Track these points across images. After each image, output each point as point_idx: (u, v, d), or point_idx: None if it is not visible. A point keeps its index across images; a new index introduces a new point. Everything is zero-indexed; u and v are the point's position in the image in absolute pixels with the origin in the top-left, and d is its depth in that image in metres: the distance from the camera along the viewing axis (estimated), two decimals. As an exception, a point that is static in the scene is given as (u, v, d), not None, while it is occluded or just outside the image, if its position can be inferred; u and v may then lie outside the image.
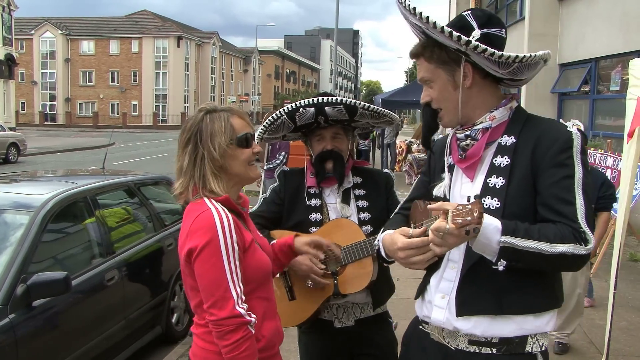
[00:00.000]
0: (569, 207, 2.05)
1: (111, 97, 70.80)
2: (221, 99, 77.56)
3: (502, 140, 2.21)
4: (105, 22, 73.10)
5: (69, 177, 6.72)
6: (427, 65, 2.27)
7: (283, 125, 3.13)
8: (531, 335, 2.17)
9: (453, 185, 2.32)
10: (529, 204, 2.12)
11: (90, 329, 4.75)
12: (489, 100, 2.27)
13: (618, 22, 12.55)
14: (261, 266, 2.40)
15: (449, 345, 2.25)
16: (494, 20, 2.23)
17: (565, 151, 2.10)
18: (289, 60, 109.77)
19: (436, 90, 2.27)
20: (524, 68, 2.18)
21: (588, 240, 2.02)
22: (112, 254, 5.22)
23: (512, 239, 1.95)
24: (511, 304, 2.12)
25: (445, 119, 2.31)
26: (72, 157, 28.60)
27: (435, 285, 2.29)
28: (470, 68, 2.21)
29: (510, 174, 2.14)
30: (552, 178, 2.08)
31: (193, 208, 2.33)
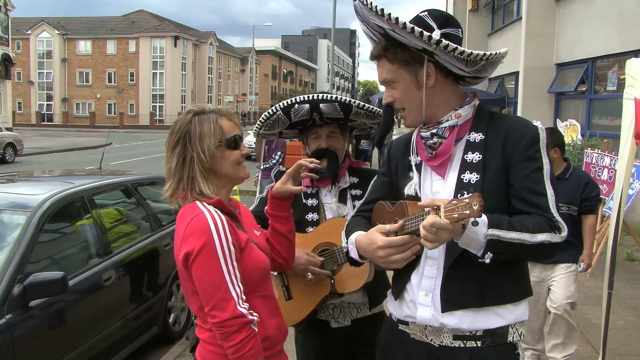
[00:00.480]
0: (541, 198, 2.13)
1: (108, 97, 70.72)
2: (218, 99, 77.55)
3: (470, 137, 2.26)
4: (102, 22, 73.01)
5: (66, 177, 6.72)
6: (389, 66, 2.30)
7: (278, 121, 3.14)
8: (511, 325, 2.23)
9: (423, 183, 2.34)
10: (502, 197, 2.18)
11: (87, 329, 4.75)
12: (451, 98, 2.31)
13: (614, 22, 12.57)
14: (259, 265, 2.39)
15: (432, 343, 2.26)
16: (451, 20, 2.29)
17: (533, 145, 2.18)
18: (286, 60, 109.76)
19: (399, 91, 2.30)
20: (488, 66, 2.24)
21: (561, 228, 2.11)
22: (109, 254, 5.21)
23: (498, 232, 2.01)
24: (492, 296, 2.18)
25: (409, 119, 2.35)
26: (69, 157, 28.58)
27: (417, 283, 2.29)
28: (433, 67, 2.24)
29: (483, 169, 2.20)
30: (524, 171, 2.16)
31: (185, 212, 2.33)
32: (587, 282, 7.91)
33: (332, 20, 30.22)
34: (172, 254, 6.10)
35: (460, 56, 2.13)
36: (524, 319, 2.27)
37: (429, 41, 2.09)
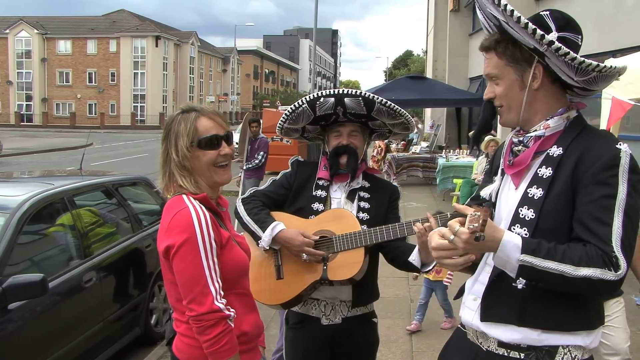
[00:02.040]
0: (604, 228, 1.95)
1: (89, 97, 70.18)
2: (200, 99, 77.22)
3: (550, 151, 2.14)
4: (82, 22, 72.41)
5: (46, 178, 6.66)
6: (497, 60, 2.21)
7: (303, 114, 3.21)
8: (563, 346, 2.10)
9: (502, 190, 2.31)
10: (564, 219, 2.05)
11: (67, 331, 4.71)
12: (552, 106, 2.20)
13: (593, 23, 12.68)
14: (238, 263, 2.46)
15: (481, 346, 2.25)
16: (572, 25, 2.20)
17: (610, 169, 1.99)
18: (267, 60, 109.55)
19: (502, 87, 2.22)
20: (599, 79, 2.11)
21: (619, 265, 1.93)
22: (90, 255, 5.17)
23: (532, 259, 1.92)
24: (534, 317, 2.08)
25: (505, 118, 2.27)
26: (49, 158, 28.33)
27: (470, 287, 2.32)
28: (541, 70, 2.14)
29: (550, 185, 2.08)
30: (591, 196, 1.99)
31: (171, 205, 2.38)
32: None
33: (314, 20, 30.21)
34: (154, 255, 6.06)
35: (571, 62, 2.03)
36: (581, 345, 2.11)
37: (541, 40, 2.01)
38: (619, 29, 11.61)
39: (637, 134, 10.77)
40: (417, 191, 15.88)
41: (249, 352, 2.49)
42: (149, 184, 7.20)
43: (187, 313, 2.28)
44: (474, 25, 23.78)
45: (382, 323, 4.93)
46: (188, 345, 2.39)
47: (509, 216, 2.18)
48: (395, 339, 5.88)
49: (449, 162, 15.26)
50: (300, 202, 3.25)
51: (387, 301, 6.20)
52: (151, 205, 7.05)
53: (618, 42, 11.48)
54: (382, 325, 4.78)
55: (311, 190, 3.26)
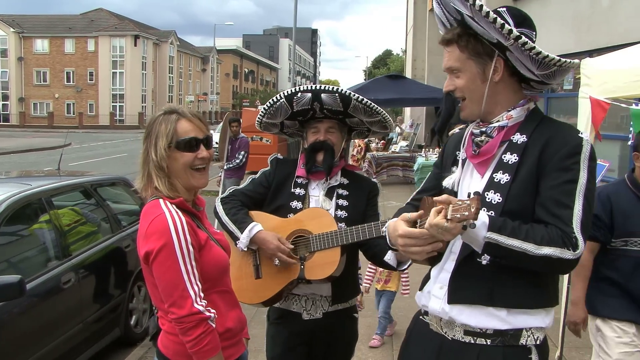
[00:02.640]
0: (566, 211, 2.07)
1: (67, 96, 69.51)
2: (179, 99, 76.84)
3: (514, 138, 2.24)
4: (60, 20, 71.69)
5: (23, 178, 6.59)
6: (458, 54, 2.27)
7: (281, 109, 3.23)
8: (526, 329, 2.20)
9: (462, 179, 2.37)
10: (529, 203, 2.15)
11: (46, 333, 4.68)
12: (511, 98, 2.30)
13: (570, 22, 12.82)
14: (217, 262, 2.50)
15: (446, 335, 2.30)
16: (528, 22, 2.26)
17: (573, 156, 2.11)
18: (247, 59, 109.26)
19: (463, 80, 2.28)
20: (557, 73, 2.22)
21: (578, 245, 2.03)
22: (69, 256, 5.14)
23: (497, 236, 2.01)
24: (502, 297, 2.16)
25: (467, 110, 2.34)
26: (27, 158, 28.04)
27: (436, 275, 2.36)
28: (502, 63, 2.23)
29: (516, 171, 2.18)
30: (555, 181, 2.11)
31: (148, 210, 2.41)
32: (546, 278, 8.05)
33: (294, 19, 30.20)
34: (133, 255, 6.03)
35: (535, 57, 2.12)
36: (542, 326, 2.23)
37: (508, 35, 2.08)
38: (595, 29, 11.74)
39: (613, 133, 10.91)
40: (397, 190, 15.92)
41: (233, 346, 2.55)
42: (128, 184, 7.15)
43: (169, 316, 2.35)
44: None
45: (363, 322, 4.95)
46: (174, 342, 2.44)
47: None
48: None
49: (428, 161, 15.33)
50: (279, 200, 3.27)
51: (368, 300, 6.20)
52: (130, 206, 7.01)
53: (594, 42, 11.60)
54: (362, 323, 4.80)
55: (290, 188, 3.28)
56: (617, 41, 10.03)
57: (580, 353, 5.67)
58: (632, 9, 10.56)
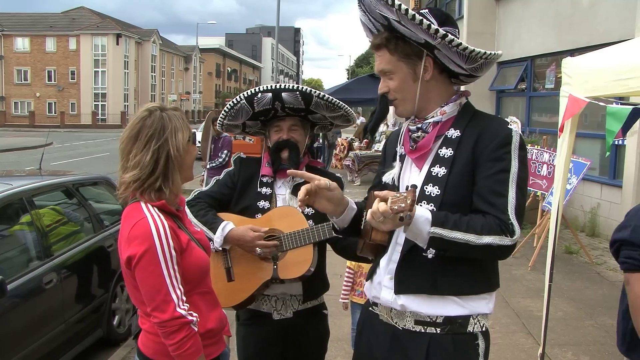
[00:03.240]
0: (500, 199, 2.18)
1: (48, 95, 68.95)
2: (162, 98, 76.44)
3: (448, 133, 2.34)
4: (40, 19, 71.07)
5: (4, 178, 6.52)
6: (389, 57, 2.36)
7: (242, 111, 3.20)
8: (473, 316, 2.30)
9: (403, 173, 2.45)
10: (466, 194, 2.25)
11: (28, 333, 4.64)
12: (443, 94, 2.40)
13: (551, 22, 12.93)
14: (198, 263, 2.49)
15: (397, 325, 2.37)
16: (450, 20, 2.36)
17: (504, 146, 2.22)
18: (230, 58, 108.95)
19: (396, 82, 2.37)
20: (484, 65, 2.33)
21: (514, 231, 2.15)
22: (50, 256, 5.10)
23: (441, 230, 2.10)
24: (445, 284, 2.26)
25: (401, 108, 2.43)
26: (8, 158, 27.75)
27: (385, 267, 2.41)
28: (431, 62, 2.33)
29: (452, 164, 2.28)
30: (488, 171, 2.21)
31: (130, 213, 2.39)
32: (529, 276, 8.14)
33: (276, 18, 30.18)
34: (115, 255, 5.98)
35: (462, 52, 2.23)
36: (487, 312, 2.33)
37: (435, 34, 2.17)
38: (575, 28, 11.85)
39: (594, 132, 11.02)
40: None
41: (213, 345, 2.56)
42: (110, 183, 7.12)
43: (152, 320, 2.35)
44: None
45: (346, 321, 4.97)
46: (153, 342, 2.45)
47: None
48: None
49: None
50: (246, 201, 3.24)
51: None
52: (113, 205, 6.97)
53: (575, 41, 11.72)
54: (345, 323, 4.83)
55: (256, 188, 3.25)
56: (598, 41, 10.15)
57: (562, 350, 5.73)
58: (612, 9, 10.68)
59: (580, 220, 11.14)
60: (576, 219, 11.13)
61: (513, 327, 6.28)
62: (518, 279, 8.02)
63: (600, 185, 10.86)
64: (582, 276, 8.32)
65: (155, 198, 2.39)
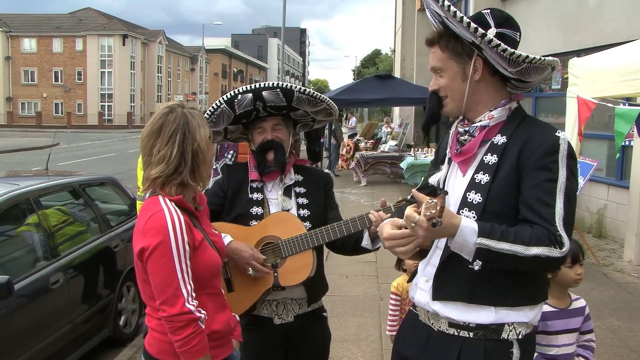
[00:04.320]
0: (548, 210, 2.12)
1: (55, 96, 69.19)
2: (168, 98, 76.48)
3: (495, 139, 2.31)
4: (47, 20, 71.33)
5: (11, 178, 6.55)
6: (440, 54, 2.35)
7: (223, 115, 3.15)
8: (508, 323, 2.25)
9: (449, 177, 2.44)
10: (510, 203, 2.20)
11: (34, 333, 4.65)
12: (493, 97, 2.36)
13: (557, 22, 12.88)
14: (210, 264, 2.49)
15: (432, 326, 2.39)
16: (510, 22, 2.32)
17: (551, 155, 2.16)
18: (236, 59, 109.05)
19: (446, 79, 2.36)
20: (531, 70, 2.25)
21: (563, 243, 2.08)
22: (57, 256, 5.11)
23: (488, 241, 2.05)
24: (482, 295, 2.23)
25: (449, 107, 2.40)
26: (15, 158, 27.86)
27: (422, 269, 2.44)
28: (481, 62, 2.30)
29: (495, 172, 2.24)
30: (535, 180, 2.15)
31: (148, 206, 2.41)
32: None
33: (282, 19, 30.20)
34: (122, 255, 5.99)
35: (502, 54, 2.18)
36: (527, 321, 2.28)
37: (474, 33, 2.15)
38: (582, 28, 11.80)
39: (601, 132, 10.98)
40: (385, 189, 15.94)
41: (220, 347, 2.55)
42: (117, 184, 7.14)
43: (160, 314, 2.34)
44: (441, 25, 23.95)
45: (352, 322, 4.97)
46: (158, 340, 2.45)
47: (457, 201, 2.31)
48: (365, 337, 5.90)
49: (417, 161, 15.35)
50: (238, 209, 3.17)
51: (357, 300, 6.22)
52: (119, 206, 6.99)
53: (581, 41, 11.67)
54: (351, 323, 4.83)
55: (247, 194, 3.19)
56: (604, 41, 10.10)
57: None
58: (618, 9, 10.63)
59: (587, 222, 11.09)
60: (583, 220, 11.09)
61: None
62: (524, 280, 7.97)
63: (607, 186, 10.82)
64: (588, 277, 8.27)
65: (175, 193, 2.41)
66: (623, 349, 5.80)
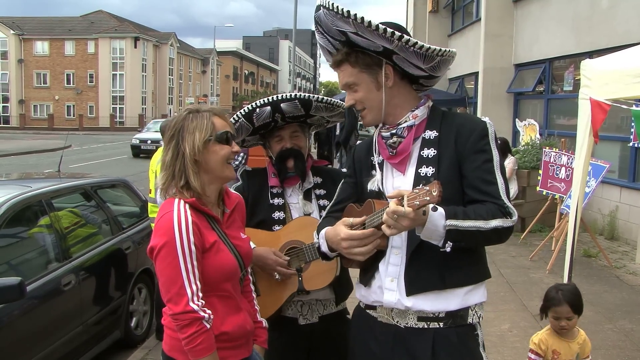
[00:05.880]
0: (492, 187, 2.32)
1: (67, 98, 69.59)
2: (179, 100, 76.93)
3: (425, 135, 2.46)
4: (59, 22, 71.78)
5: (24, 180, 6.59)
6: (351, 70, 2.47)
7: (242, 129, 3.17)
8: (471, 307, 2.42)
9: (385, 179, 2.53)
10: (456, 188, 2.36)
11: (46, 335, 4.67)
12: (408, 99, 2.51)
13: (570, 23, 12.82)
14: (222, 267, 2.49)
15: (398, 324, 2.45)
16: (403, 29, 2.40)
17: (483, 138, 2.37)
18: (247, 61, 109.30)
19: (361, 93, 2.48)
20: (442, 63, 2.43)
21: (511, 213, 2.29)
22: (69, 258, 5.13)
23: (455, 222, 2.19)
24: (452, 278, 2.37)
25: (368, 118, 2.53)
26: (27, 160, 28.02)
27: (384, 270, 2.47)
28: (391, 69, 2.44)
29: (438, 163, 2.39)
30: (475, 163, 2.35)
31: (163, 206, 2.48)
32: (547, 279, 8.05)
33: (293, 21, 30.24)
34: (133, 257, 6.00)
35: (419, 51, 2.31)
36: (483, 301, 2.46)
37: (392, 37, 2.26)
38: (595, 30, 11.74)
39: (613, 134, 10.91)
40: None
41: (231, 349, 2.55)
42: (128, 186, 7.16)
43: (166, 310, 2.42)
44: (452, 26, 23.94)
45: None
46: (170, 337, 2.51)
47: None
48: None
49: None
50: (260, 214, 3.19)
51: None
52: (131, 207, 7.01)
53: (594, 43, 11.62)
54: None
55: (268, 200, 3.21)
56: (617, 42, 10.05)
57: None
58: (631, 10, 10.57)
59: (599, 224, 11.03)
60: (595, 222, 11.03)
61: (531, 330, 6.20)
62: (536, 282, 7.95)
63: (620, 188, 10.76)
64: (600, 280, 8.23)
65: (189, 195, 2.45)
66: (636, 352, 5.76)
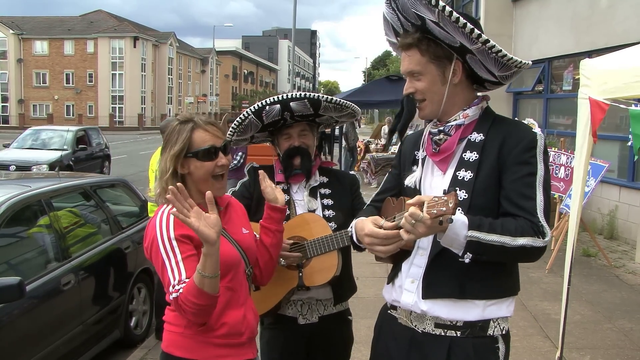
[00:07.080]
0: (530, 202, 2.20)
1: (66, 98, 69.56)
2: (178, 100, 76.95)
3: (471, 137, 2.36)
4: (59, 22, 71.73)
5: (23, 180, 6.59)
6: (419, 57, 2.35)
7: (251, 125, 3.19)
8: (493, 320, 2.32)
9: (424, 177, 2.46)
10: (493, 197, 2.27)
11: (46, 334, 4.67)
12: (467, 98, 2.42)
13: (569, 23, 12.82)
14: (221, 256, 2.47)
15: (416, 329, 2.39)
16: (478, 26, 2.31)
17: (529, 150, 2.25)
18: (246, 60, 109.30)
19: (424, 83, 2.37)
20: (515, 74, 2.35)
21: (545, 233, 2.18)
22: (68, 258, 5.13)
23: (478, 234, 2.10)
24: (472, 289, 2.27)
25: (427, 110, 2.43)
26: (26, 160, 27.95)
27: (406, 270, 2.43)
28: (460, 66, 2.34)
29: (478, 168, 2.29)
30: (516, 174, 2.23)
31: (157, 210, 2.55)
32: (546, 279, 8.07)
33: (293, 20, 30.24)
34: (133, 256, 6.00)
35: (499, 58, 2.23)
36: (506, 315, 2.35)
37: (477, 39, 2.18)
38: (594, 29, 11.74)
39: (612, 134, 10.92)
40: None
41: (230, 347, 2.55)
42: (128, 185, 7.16)
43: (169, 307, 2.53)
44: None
45: (363, 323, 4.94)
46: (167, 332, 2.58)
47: None
48: (376, 339, 5.91)
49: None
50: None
51: (367, 301, 6.21)
52: (130, 207, 7.01)
53: (593, 42, 11.61)
54: (362, 325, 4.80)
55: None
56: (616, 42, 10.05)
57: (580, 353, 5.68)
58: (630, 10, 10.57)
59: (599, 223, 11.04)
60: (594, 222, 11.03)
61: (530, 330, 6.23)
62: (535, 282, 7.96)
63: (619, 187, 10.76)
64: (600, 279, 8.24)
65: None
66: (635, 351, 5.77)
